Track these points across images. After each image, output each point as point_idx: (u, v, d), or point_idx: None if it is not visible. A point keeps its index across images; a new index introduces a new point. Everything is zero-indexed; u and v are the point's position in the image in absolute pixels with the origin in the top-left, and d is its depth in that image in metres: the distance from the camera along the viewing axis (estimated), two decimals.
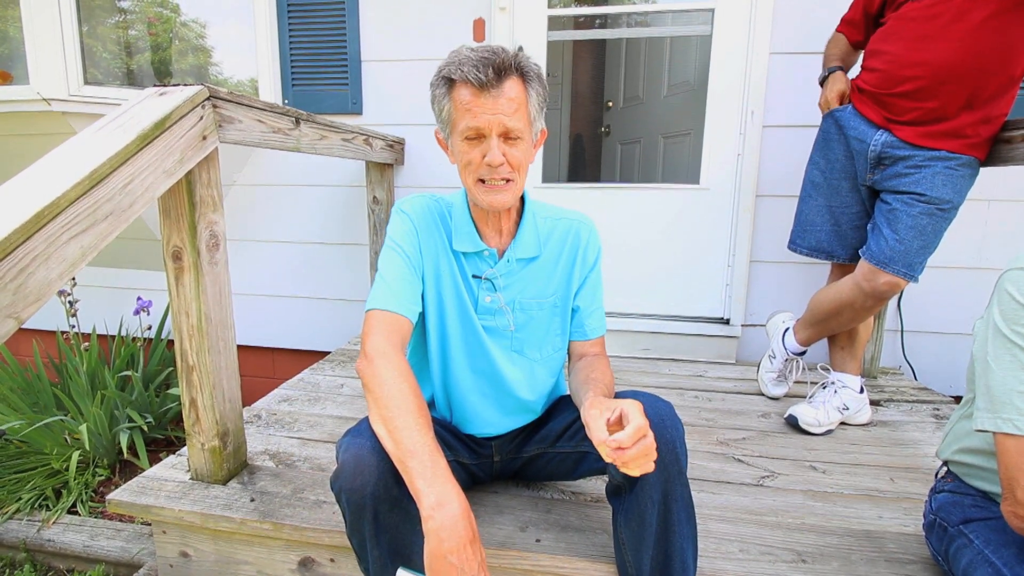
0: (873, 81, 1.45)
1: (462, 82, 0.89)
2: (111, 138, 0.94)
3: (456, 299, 1.04)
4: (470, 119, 0.89)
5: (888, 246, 1.42)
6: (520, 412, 1.13)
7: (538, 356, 1.10)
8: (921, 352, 2.12)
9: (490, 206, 0.96)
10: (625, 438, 0.73)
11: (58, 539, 1.65)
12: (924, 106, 1.37)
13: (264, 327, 2.56)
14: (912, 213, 1.40)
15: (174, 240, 1.14)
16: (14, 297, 0.75)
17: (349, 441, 0.86)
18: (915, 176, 1.40)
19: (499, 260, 1.04)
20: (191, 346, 1.18)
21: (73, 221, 0.83)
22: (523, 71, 0.91)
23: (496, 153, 0.90)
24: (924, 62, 1.34)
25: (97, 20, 2.43)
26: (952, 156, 1.38)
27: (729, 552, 1.04)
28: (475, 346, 1.06)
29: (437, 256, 1.03)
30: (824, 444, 1.51)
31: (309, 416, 1.63)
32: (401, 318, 0.93)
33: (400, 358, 0.88)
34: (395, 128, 2.28)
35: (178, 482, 1.24)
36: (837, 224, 1.59)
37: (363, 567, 0.90)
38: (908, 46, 1.36)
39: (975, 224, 1.99)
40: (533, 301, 1.07)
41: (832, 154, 1.57)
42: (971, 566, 0.83)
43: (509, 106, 0.89)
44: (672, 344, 2.23)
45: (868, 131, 1.47)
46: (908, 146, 1.41)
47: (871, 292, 1.46)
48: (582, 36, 2.99)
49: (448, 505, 0.74)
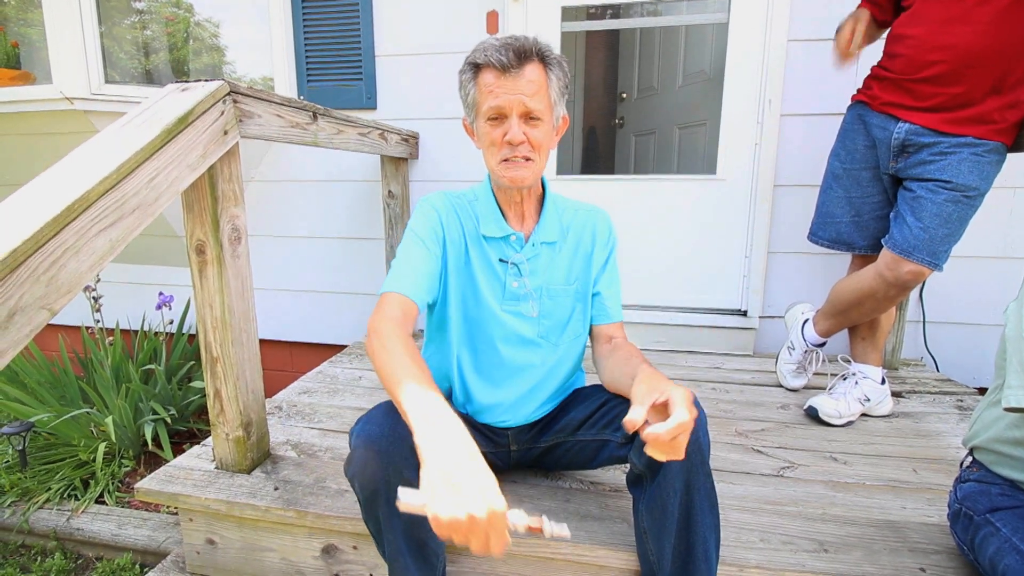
0: (896, 67, 1.41)
1: (486, 66, 0.94)
2: (136, 133, 0.96)
3: (482, 284, 1.06)
4: (492, 99, 0.94)
5: (912, 234, 1.39)
6: (538, 401, 1.14)
7: (559, 342, 1.11)
8: (944, 343, 2.08)
9: (512, 182, 0.99)
10: (664, 433, 0.71)
11: (87, 528, 1.70)
12: (948, 91, 1.33)
13: (282, 321, 2.60)
14: (937, 200, 1.37)
15: (197, 234, 1.15)
16: (47, 289, 0.77)
17: (361, 428, 0.87)
18: (940, 163, 1.37)
19: (525, 244, 1.07)
20: (215, 338, 1.20)
21: (102, 215, 0.85)
22: (544, 56, 0.95)
23: (517, 131, 0.94)
24: (949, 45, 1.30)
25: (113, 21, 2.46)
26: (979, 142, 1.34)
27: (750, 542, 1.04)
28: (498, 331, 1.08)
29: (464, 242, 1.06)
30: (845, 435, 1.49)
31: (329, 407, 1.65)
32: (405, 299, 0.95)
33: (396, 328, 0.88)
34: (409, 122, 2.28)
35: (204, 471, 1.26)
36: (858, 215, 1.57)
37: (381, 551, 0.92)
38: (933, 29, 1.33)
39: (1000, 212, 1.94)
40: (558, 287, 1.09)
41: (852, 144, 1.54)
42: (998, 554, 0.82)
43: (529, 87, 0.93)
44: (689, 336, 2.21)
45: (890, 119, 1.44)
46: (933, 133, 1.37)
47: (894, 281, 1.43)
48: (596, 27, 2.97)
49: (437, 421, 0.69)
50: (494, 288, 1.07)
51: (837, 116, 1.63)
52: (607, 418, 1.05)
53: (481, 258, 1.07)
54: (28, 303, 0.74)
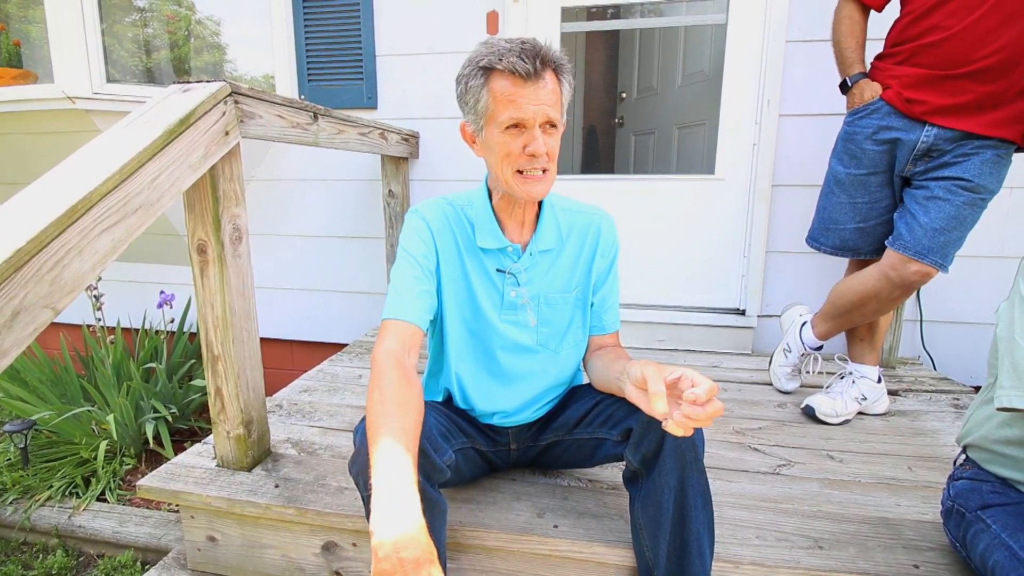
0: (929, 60, 1.32)
1: (505, 72, 0.88)
2: (138, 134, 0.97)
3: (480, 294, 1.05)
4: (514, 110, 0.89)
5: (925, 234, 1.35)
6: (538, 404, 1.15)
7: (559, 349, 1.11)
8: (941, 342, 2.10)
9: (528, 196, 0.96)
10: (703, 392, 0.70)
11: (88, 525, 1.71)
12: (984, 88, 1.28)
13: (282, 320, 2.61)
14: (956, 203, 1.33)
15: (199, 233, 1.16)
16: (51, 288, 0.78)
17: (365, 426, 0.88)
18: (964, 163, 1.33)
19: (522, 254, 1.05)
20: (216, 336, 1.21)
21: (105, 215, 0.86)
22: (557, 63, 0.91)
23: (540, 143, 0.91)
24: (1002, 42, 1.24)
25: (114, 19, 2.47)
26: (1003, 144, 1.32)
27: (745, 538, 1.05)
28: (497, 341, 1.07)
29: (459, 253, 1.04)
30: (841, 433, 1.50)
31: (329, 406, 1.66)
32: (406, 324, 0.94)
33: (394, 367, 0.86)
34: (410, 122, 2.29)
35: (205, 469, 1.27)
36: (864, 220, 1.52)
37: None
38: (987, 24, 1.24)
39: (997, 212, 1.95)
40: (556, 295, 1.08)
41: (858, 148, 1.47)
42: (988, 550, 0.83)
43: (550, 97, 0.90)
44: (687, 335, 2.23)
45: (915, 123, 1.36)
46: (963, 135, 1.32)
47: (899, 282, 1.40)
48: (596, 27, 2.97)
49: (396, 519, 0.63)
50: (492, 298, 1.06)
51: (835, 116, 1.62)
52: (602, 416, 1.06)
53: (478, 268, 1.05)
54: (32, 302, 0.75)
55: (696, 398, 0.70)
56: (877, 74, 1.45)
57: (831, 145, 1.60)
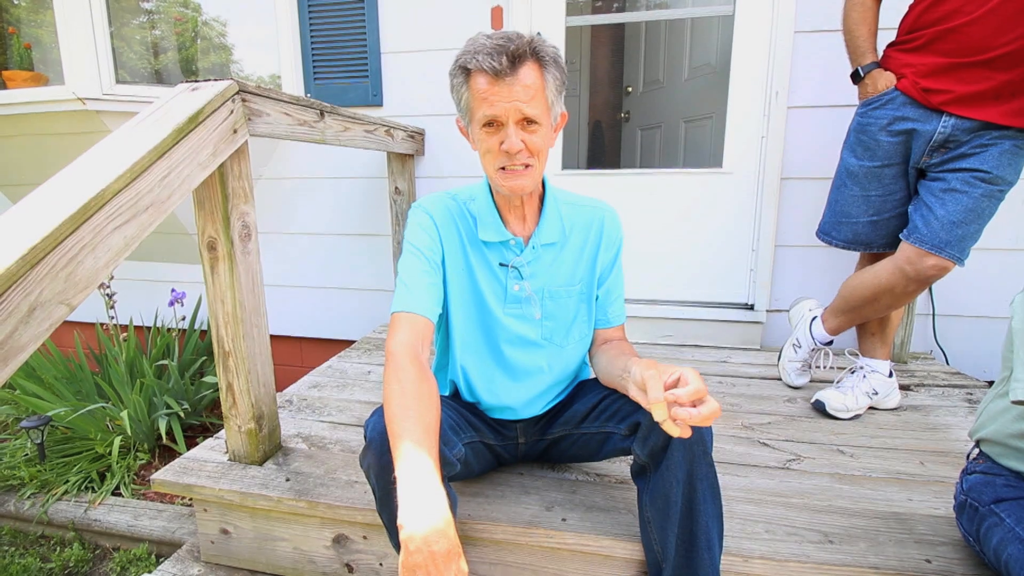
0: (948, 47, 1.29)
1: (477, 71, 0.89)
2: (148, 133, 0.98)
3: (484, 288, 1.06)
4: (487, 108, 0.90)
5: (942, 227, 1.33)
6: (544, 398, 1.15)
7: (565, 343, 1.11)
8: (954, 336, 2.07)
9: (511, 191, 0.97)
10: (683, 395, 0.72)
11: (104, 519, 1.74)
12: (1003, 76, 1.26)
13: (291, 317, 2.63)
14: (974, 195, 1.31)
15: (209, 231, 1.18)
16: (65, 284, 0.79)
17: (376, 420, 0.88)
18: (982, 154, 1.31)
19: (525, 248, 1.05)
20: (227, 333, 1.22)
21: (117, 212, 0.87)
22: (539, 56, 0.90)
23: (514, 140, 0.91)
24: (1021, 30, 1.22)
25: (123, 21, 2.49)
26: (1022, 133, 1.29)
27: (755, 532, 1.05)
28: (501, 335, 1.08)
29: (463, 247, 1.05)
30: (852, 428, 1.49)
31: (338, 401, 1.68)
32: (417, 317, 0.94)
33: (411, 358, 0.87)
34: (415, 119, 2.30)
35: (217, 463, 1.29)
36: (877, 214, 1.49)
37: (393, 542, 0.93)
38: (1006, 8, 1.22)
39: (1014, 204, 1.92)
40: (561, 289, 1.08)
41: (872, 139, 1.45)
42: (1002, 544, 0.82)
43: (525, 93, 0.89)
44: (695, 330, 2.22)
45: (932, 113, 1.34)
46: (981, 125, 1.30)
47: (915, 276, 1.38)
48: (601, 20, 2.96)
49: (426, 514, 0.66)
50: (496, 292, 1.06)
51: (845, 108, 1.61)
52: (610, 410, 1.06)
53: (481, 262, 1.05)
54: (47, 298, 0.76)
55: (677, 399, 0.72)
56: (890, 63, 1.43)
57: (841, 137, 1.58)
